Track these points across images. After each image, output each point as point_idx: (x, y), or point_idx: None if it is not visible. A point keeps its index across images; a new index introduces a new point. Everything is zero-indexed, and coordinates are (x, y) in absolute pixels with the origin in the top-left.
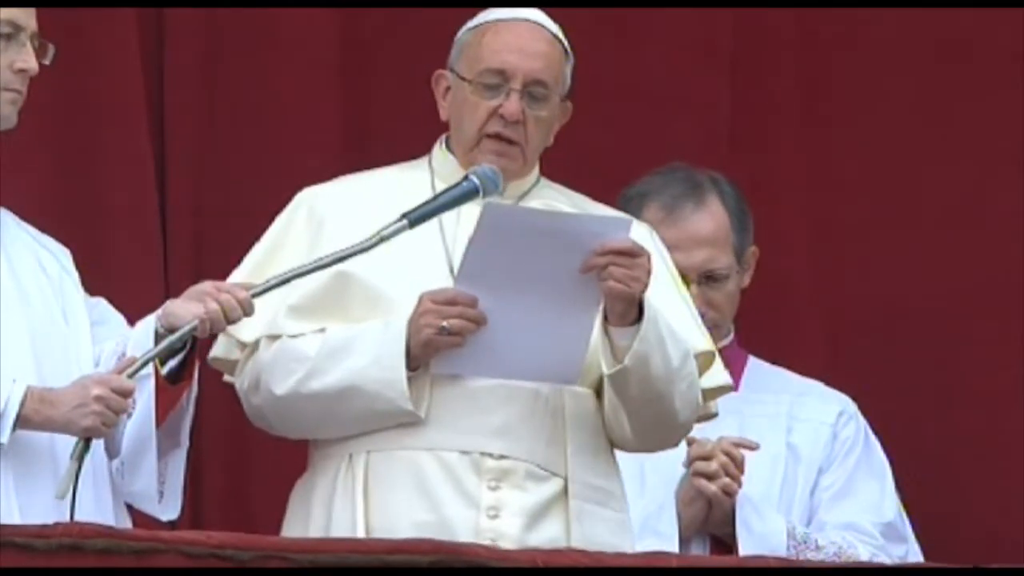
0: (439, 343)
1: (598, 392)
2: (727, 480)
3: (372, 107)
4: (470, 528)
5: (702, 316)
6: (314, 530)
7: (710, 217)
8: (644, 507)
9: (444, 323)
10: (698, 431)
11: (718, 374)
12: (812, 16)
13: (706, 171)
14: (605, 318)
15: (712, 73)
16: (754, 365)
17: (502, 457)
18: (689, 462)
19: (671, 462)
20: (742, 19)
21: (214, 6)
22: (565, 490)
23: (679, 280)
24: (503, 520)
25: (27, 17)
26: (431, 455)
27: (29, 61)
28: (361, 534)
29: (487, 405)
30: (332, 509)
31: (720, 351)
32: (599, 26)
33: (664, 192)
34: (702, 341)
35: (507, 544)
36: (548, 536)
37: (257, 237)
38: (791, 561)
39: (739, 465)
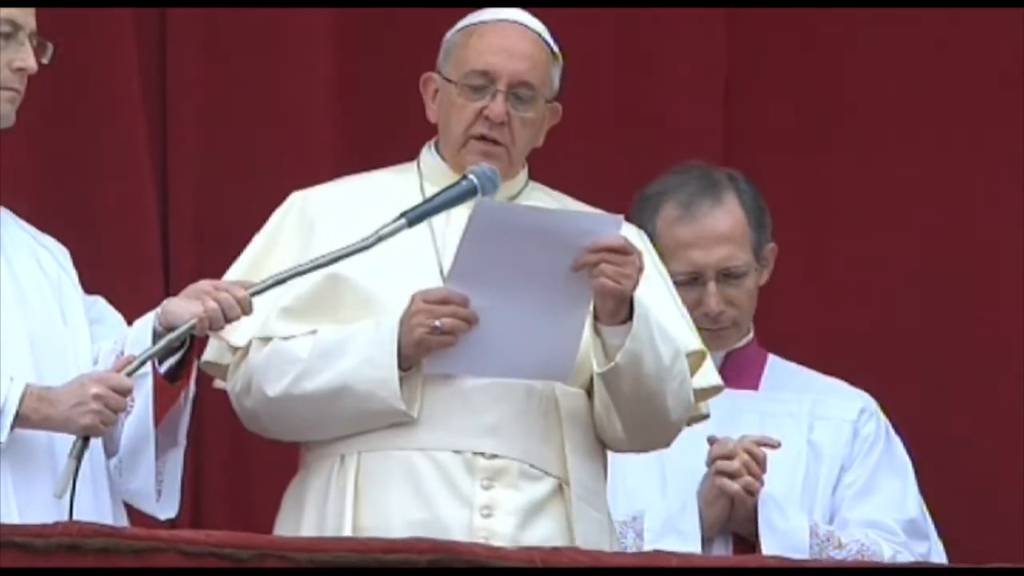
0: (431, 342)
1: (589, 392)
2: (749, 479)
3: (374, 107)
4: (464, 527)
5: (720, 314)
6: (306, 530)
7: (727, 214)
8: (666, 507)
9: (436, 322)
10: (719, 431)
11: (709, 375)
12: (808, 36)
13: (723, 168)
14: (596, 317)
15: (706, 95)
16: (774, 363)
17: (494, 456)
18: (710, 461)
19: (693, 461)
20: (736, 40)
21: (216, 6)
22: (558, 489)
23: (669, 280)
24: (496, 519)
25: (26, 16)
26: (424, 455)
27: (28, 60)
28: (348, 535)
29: (479, 404)
30: (325, 510)
31: (740, 350)
32: (595, 48)
33: (681, 190)
34: (693, 341)
35: (500, 543)
36: (541, 535)
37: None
38: (790, 561)
39: (761, 464)
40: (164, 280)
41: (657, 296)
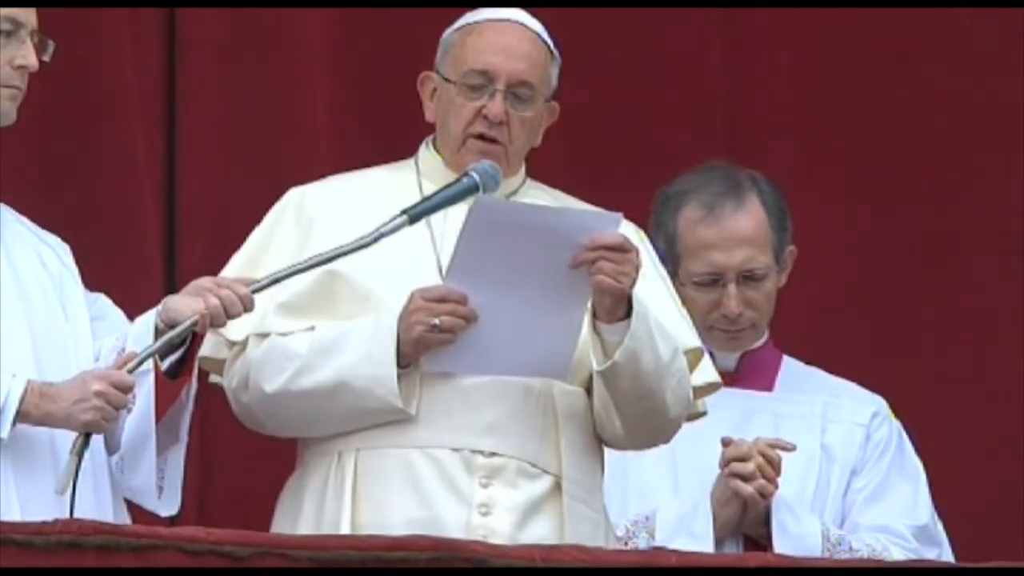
0: (430, 340)
1: (588, 390)
2: (763, 481)
3: (381, 106)
4: (461, 525)
5: (739, 316)
6: (304, 528)
7: (750, 216)
8: (678, 507)
9: (435, 320)
10: (733, 431)
11: (707, 372)
12: (806, 37)
13: (745, 170)
14: (594, 315)
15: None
16: (789, 365)
17: (492, 454)
18: (724, 463)
19: (705, 462)
20: (737, 40)
21: (228, 6)
22: (556, 488)
23: (667, 278)
24: (494, 517)
25: (27, 13)
26: (422, 453)
27: (29, 57)
28: (346, 532)
29: (478, 402)
30: (323, 507)
31: (755, 351)
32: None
33: (704, 190)
34: (691, 338)
35: (498, 541)
36: (539, 534)
37: None
38: (790, 560)
39: (775, 467)
40: (165, 280)
41: (655, 294)
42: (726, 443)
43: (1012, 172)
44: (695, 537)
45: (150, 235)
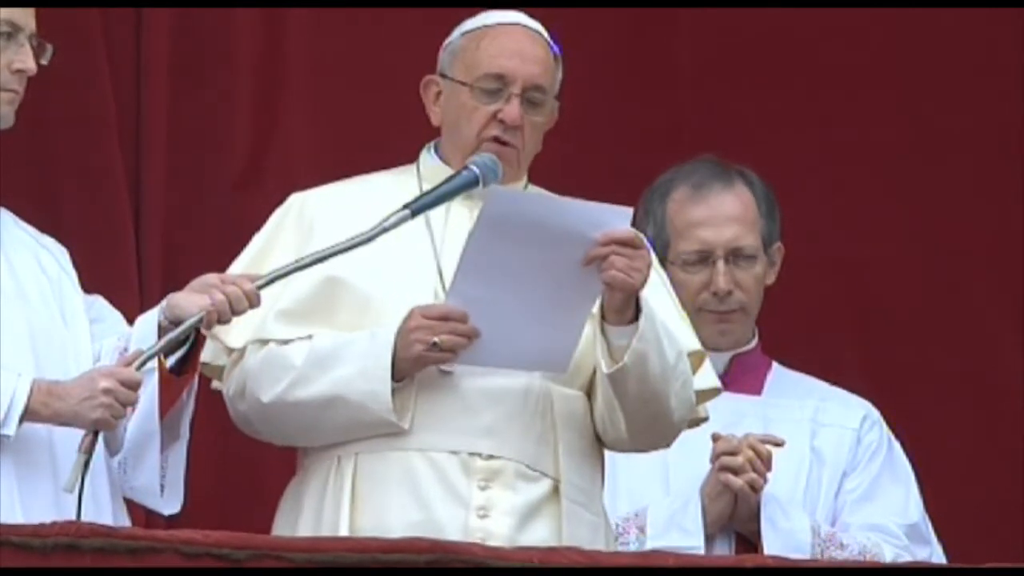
0: (429, 359)
1: (587, 393)
2: (753, 475)
3: (353, 118)
4: (460, 528)
5: (729, 294)
6: (303, 531)
7: (737, 197)
8: (669, 504)
9: (435, 339)
10: (724, 431)
11: (708, 376)
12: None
13: (734, 164)
14: (602, 317)
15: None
16: (778, 371)
17: (491, 457)
18: (715, 457)
19: (696, 459)
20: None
21: (188, 6)
22: (555, 491)
23: (668, 280)
24: (493, 520)
25: (26, 17)
26: (420, 456)
27: (27, 61)
28: (345, 535)
29: (475, 405)
30: (322, 511)
31: (745, 355)
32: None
33: (692, 175)
34: (692, 341)
35: (497, 544)
36: (538, 536)
37: (229, 244)
38: (788, 561)
39: (765, 461)
40: (140, 289)
41: (658, 297)
42: (715, 438)
43: (1008, 171)
44: (686, 533)
45: (124, 249)
